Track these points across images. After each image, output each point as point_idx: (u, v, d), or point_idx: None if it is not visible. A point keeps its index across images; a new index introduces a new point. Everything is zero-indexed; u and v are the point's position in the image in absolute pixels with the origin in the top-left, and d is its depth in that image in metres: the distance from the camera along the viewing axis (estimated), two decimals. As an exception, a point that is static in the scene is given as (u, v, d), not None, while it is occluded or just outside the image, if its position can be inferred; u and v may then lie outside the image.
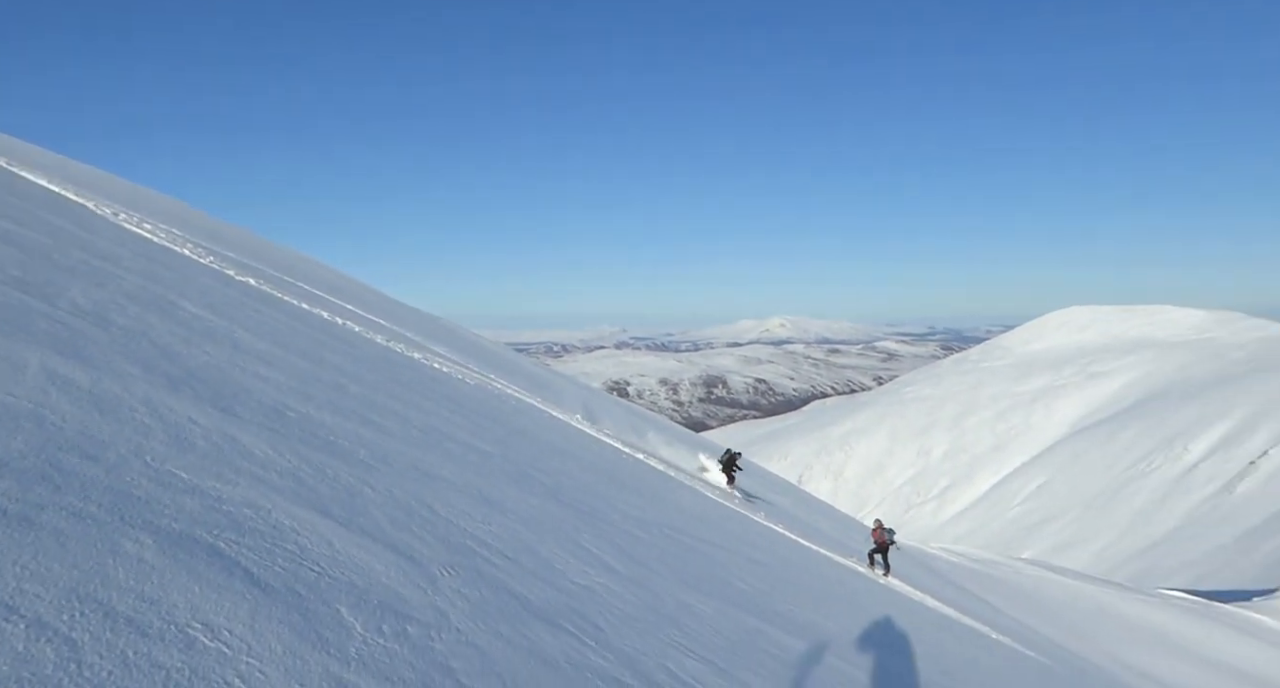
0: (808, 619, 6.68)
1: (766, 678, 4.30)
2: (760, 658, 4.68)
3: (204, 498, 3.08)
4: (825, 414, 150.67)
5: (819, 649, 5.51)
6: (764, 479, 26.52)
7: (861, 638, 7.03)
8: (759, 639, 5.10)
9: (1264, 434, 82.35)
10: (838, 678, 5.03)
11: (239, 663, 2.15)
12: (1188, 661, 25.98)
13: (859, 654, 6.23)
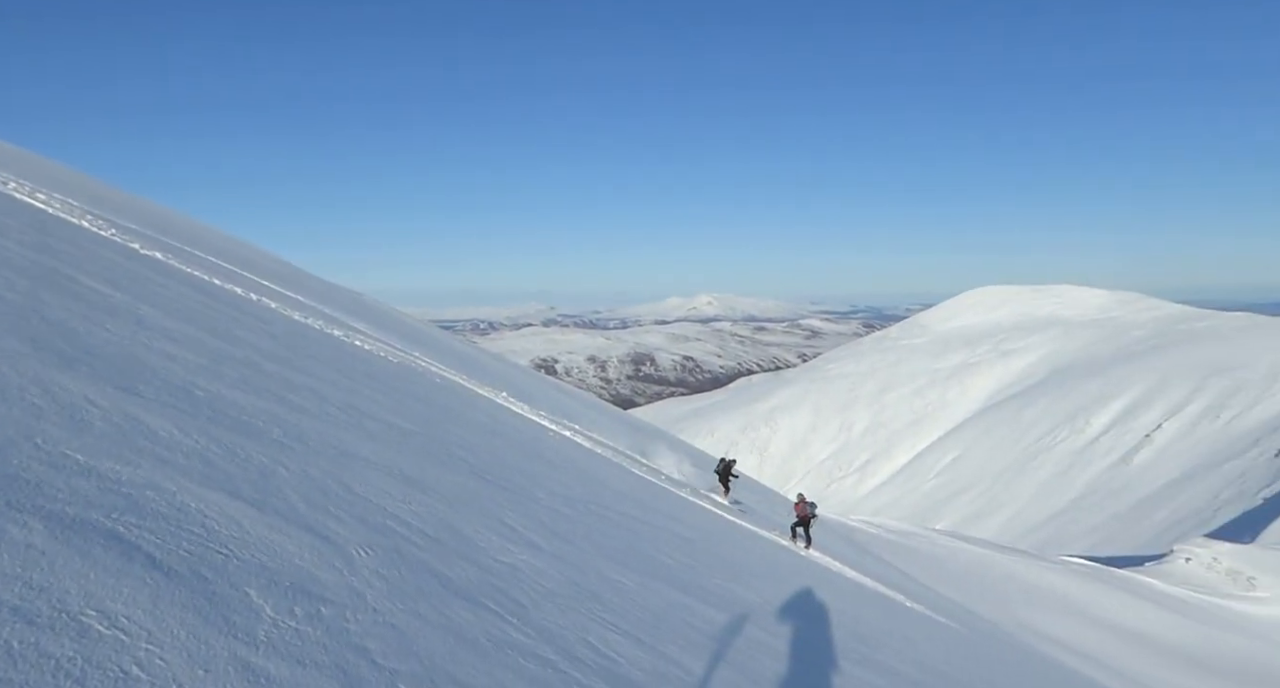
0: (730, 592, 6.80)
1: (687, 649, 4.36)
2: (682, 630, 4.74)
3: (101, 481, 2.93)
4: (751, 391, 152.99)
5: (740, 621, 5.61)
6: (691, 455, 26.82)
7: (782, 609, 7.19)
8: (681, 612, 5.16)
9: (1159, 409, 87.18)
10: (757, 648, 5.14)
11: (137, 650, 2.06)
12: (1085, 622, 27.46)
13: (779, 625, 6.37)
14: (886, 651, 7.70)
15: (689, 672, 4.01)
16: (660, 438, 26.49)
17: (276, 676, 2.26)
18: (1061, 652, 20.37)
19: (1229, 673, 26.93)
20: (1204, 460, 72.31)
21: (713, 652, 4.57)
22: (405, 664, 2.68)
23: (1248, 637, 32.47)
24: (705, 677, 4.06)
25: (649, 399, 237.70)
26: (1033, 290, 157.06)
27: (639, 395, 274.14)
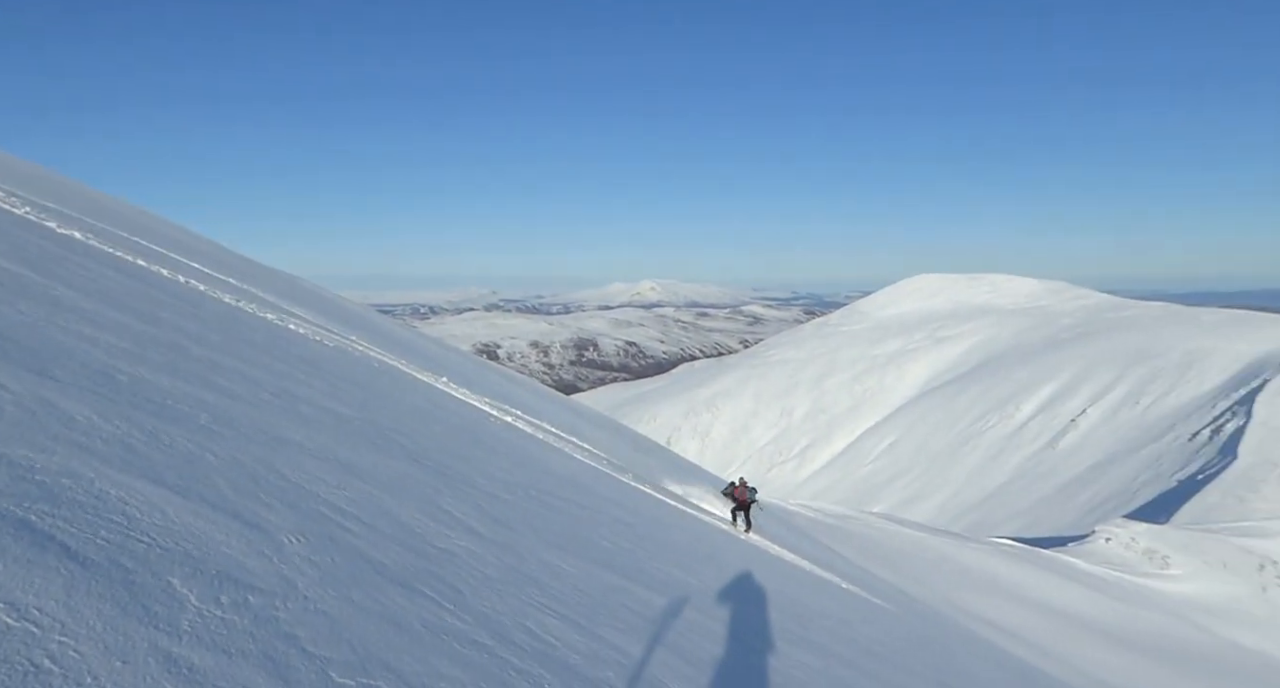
0: (670, 576, 6.85)
1: (626, 632, 4.38)
2: (621, 614, 4.76)
3: (12, 468, 2.80)
4: (693, 377, 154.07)
5: (679, 604, 5.66)
6: (634, 441, 26.92)
7: (721, 592, 7.28)
8: (621, 596, 5.18)
9: (1084, 394, 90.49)
10: (695, 630, 5.19)
11: (49, 642, 1.98)
12: (1013, 602, 28.46)
13: (717, 607, 6.45)
14: (822, 631, 7.86)
15: (626, 655, 4.03)
16: (605, 425, 26.54)
17: (200, 666, 2.19)
18: (990, 630, 21.07)
19: (1144, 648, 28.20)
20: (1124, 445, 75.37)
21: (651, 635, 4.61)
22: (337, 652, 2.64)
23: (1162, 613, 34.07)
24: (643, 659, 4.08)
25: (592, 385, 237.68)
26: (968, 279, 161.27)
27: (582, 381, 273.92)
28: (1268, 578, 41.15)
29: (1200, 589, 38.90)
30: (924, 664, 9.24)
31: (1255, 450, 57.11)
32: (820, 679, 5.47)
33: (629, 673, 3.78)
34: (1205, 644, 31.61)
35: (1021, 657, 17.41)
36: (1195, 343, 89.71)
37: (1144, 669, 25.10)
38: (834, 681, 5.68)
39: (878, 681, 6.54)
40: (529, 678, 3.19)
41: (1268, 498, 50.63)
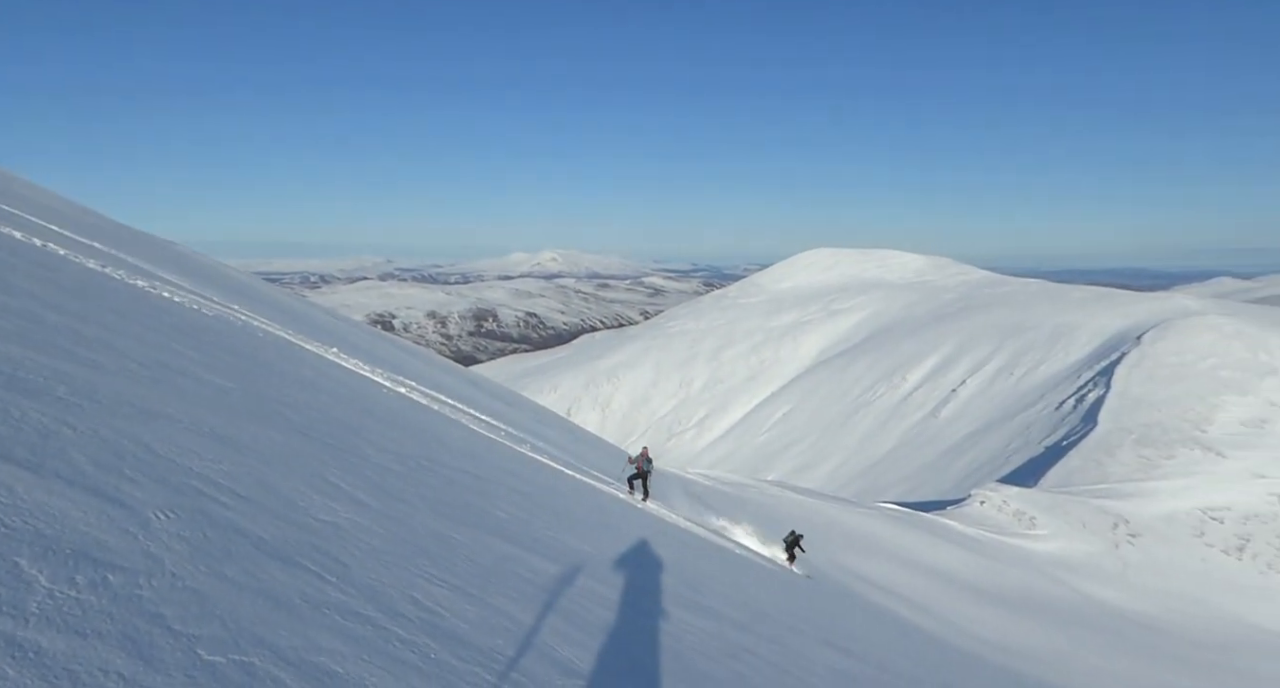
0: (565, 544, 6.88)
1: (517, 600, 4.37)
2: (514, 582, 4.74)
3: None
4: (594, 348, 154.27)
5: (572, 571, 5.69)
6: (534, 413, 26.78)
7: (616, 559, 7.35)
8: (514, 565, 5.17)
9: (964, 366, 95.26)
10: (588, 597, 5.23)
11: None
12: (896, 562, 29.92)
13: (612, 574, 6.52)
14: (715, 595, 8.06)
15: (518, 622, 4.02)
16: (504, 396, 26.28)
17: (49, 649, 2.06)
18: (874, 590, 22.11)
19: (1013, 602, 30.17)
20: (999, 414, 79.88)
21: (543, 602, 4.61)
22: (206, 629, 2.53)
23: (1029, 570, 36.51)
24: (534, 626, 4.09)
25: (491, 356, 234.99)
26: (859, 254, 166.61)
27: (481, 352, 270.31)
28: (1120, 536, 44.65)
29: (1062, 547, 41.86)
30: (811, 625, 9.61)
31: (1113, 418, 61.55)
32: (712, 641, 5.62)
33: (519, 640, 3.78)
34: (1065, 598, 34.10)
35: (902, 614, 18.36)
36: (1064, 318, 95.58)
37: (1011, 623, 26.87)
38: (725, 643, 5.84)
39: (768, 641, 6.76)
40: (414, 648, 3.15)
41: (1123, 462, 54.75)
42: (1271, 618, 39.13)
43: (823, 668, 6.76)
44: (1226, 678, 28.86)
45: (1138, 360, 71.11)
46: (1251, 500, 49.17)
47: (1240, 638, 35.38)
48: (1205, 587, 41.43)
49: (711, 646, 5.45)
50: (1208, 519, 47.77)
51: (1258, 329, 71.20)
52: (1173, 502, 48.89)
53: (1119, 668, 25.68)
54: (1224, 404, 59.75)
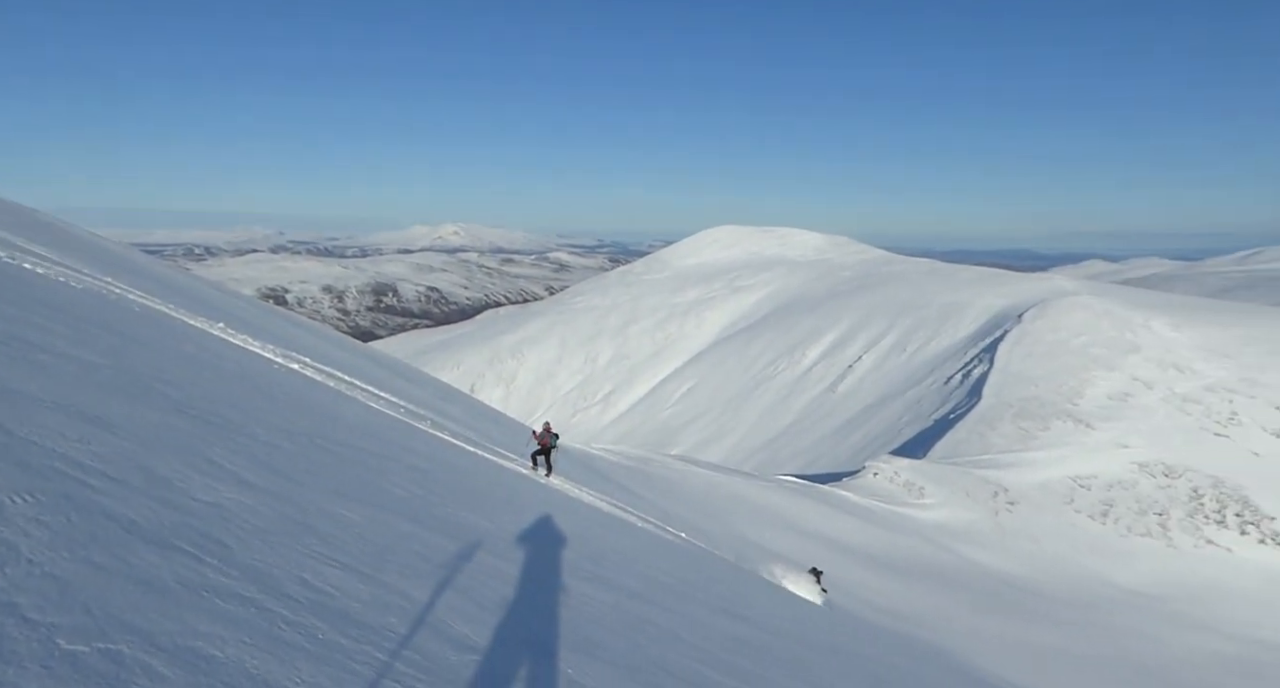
0: (464, 521, 6.80)
1: (412, 578, 4.30)
2: (410, 560, 4.66)
3: None
4: (498, 323, 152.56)
5: (471, 548, 5.63)
6: (436, 389, 26.30)
7: (517, 535, 7.32)
8: (410, 543, 5.07)
9: (861, 342, 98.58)
10: (487, 573, 5.19)
11: None
12: (794, 533, 30.90)
13: (512, 550, 6.49)
14: (616, 568, 8.13)
15: (412, 600, 3.96)
16: (404, 372, 25.69)
17: (-117, 644, 1.90)
18: (771, 558, 22.76)
19: (903, 569, 31.65)
20: (892, 388, 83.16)
21: (440, 579, 4.55)
22: (68, 617, 2.38)
23: (918, 538, 38.34)
24: (429, 604, 4.03)
25: (391, 331, 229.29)
26: (762, 231, 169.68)
27: (380, 328, 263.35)
28: (999, 504, 47.35)
29: (947, 516, 44.11)
30: (711, 595, 9.83)
31: (996, 393, 64.97)
32: (610, 613, 5.67)
33: (413, 617, 3.72)
34: (950, 563, 36.00)
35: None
36: (953, 297, 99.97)
37: (900, 587, 28.21)
38: (624, 614, 5.91)
39: (665, 611, 6.88)
40: (300, 629, 3.05)
41: (1004, 434, 57.95)
42: (1129, 577, 42.36)
43: (719, 635, 6.93)
44: (1089, 632, 31.13)
45: (1018, 338, 75.12)
46: (1115, 469, 52.92)
47: (1102, 596, 38.20)
48: (1073, 550, 44.46)
49: (610, 617, 5.50)
50: (1077, 487, 51.16)
51: (1125, 309, 76.23)
52: (1046, 471, 52.12)
53: (995, 627, 27.34)
54: (1093, 379, 63.86)
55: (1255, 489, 50.86)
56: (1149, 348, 67.75)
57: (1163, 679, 26.98)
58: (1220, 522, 48.73)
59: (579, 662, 4.08)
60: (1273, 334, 68.71)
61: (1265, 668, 31.39)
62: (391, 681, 2.96)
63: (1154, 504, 50.08)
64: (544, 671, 3.81)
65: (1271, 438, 55.63)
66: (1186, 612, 38.23)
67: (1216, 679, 28.60)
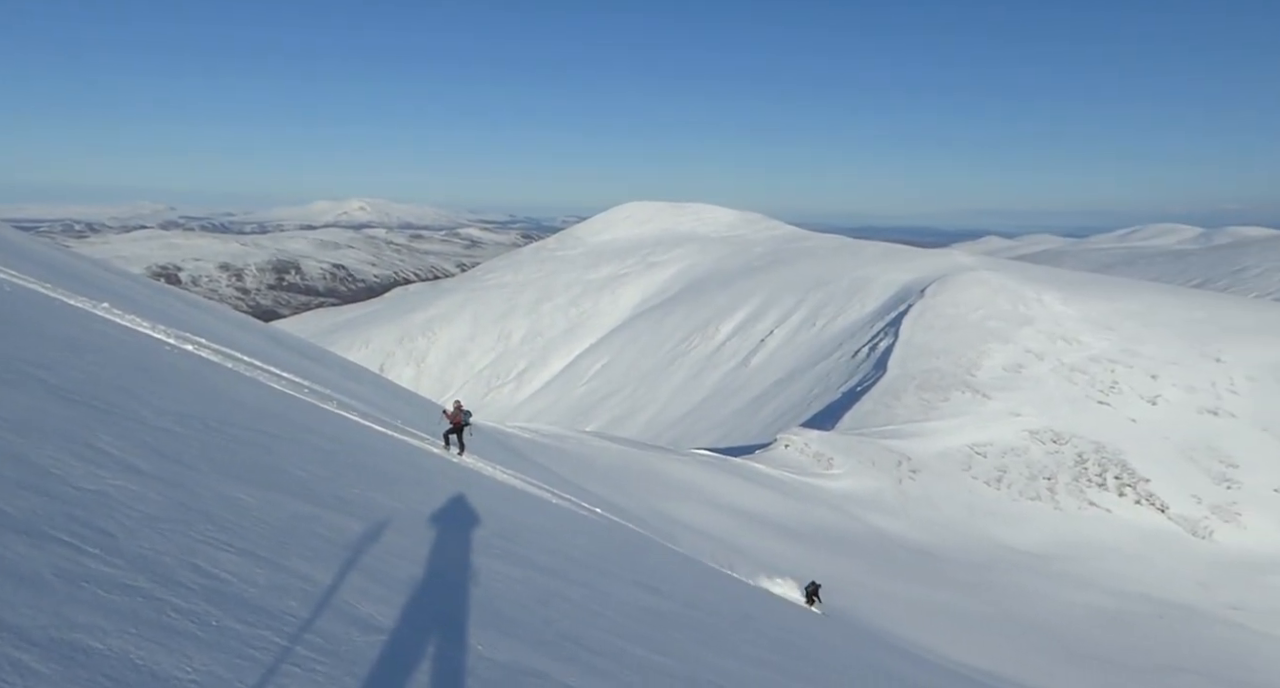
0: (372, 501, 6.65)
1: (315, 561, 4.18)
2: (312, 543, 4.53)
3: None
4: (408, 301, 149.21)
5: (378, 529, 5.52)
6: (343, 369, 25.55)
7: (428, 515, 7.21)
8: (313, 525, 4.93)
9: (772, 317, 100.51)
10: (395, 554, 5.10)
11: None
12: (708, 506, 31.44)
13: (421, 529, 6.39)
14: (528, 544, 8.11)
15: (314, 583, 3.85)
16: (309, 352, 24.86)
17: None
18: (688, 533, 23.15)
19: (812, 538, 32.64)
20: (803, 362, 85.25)
21: (345, 561, 4.45)
22: (-73, 615, 2.22)
23: (826, 507, 39.56)
24: (333, 586, 3.93)
25: (294, 310, 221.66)
26: (674, 207, 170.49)
27: (283, 306, 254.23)
28: (903, 473, 49.28)
29: (854, 485, 45.65)
30: (623, 568, 9.92)
31: (900, 365, 67.38)
32: (522, 588, 5.66)
33: (315, 601, 3.62)
34: (856, 530, 37.34)
35: (712, 554, 19.37)
36: (860, 272, 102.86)
37: (810, 555, 29.09)
38: (536, 589, 5.90)
39: (578, 585, 6.91)
40: (192, 617, 2.93)
41: (907, 405, 60.22)
42: (1021, 539, 44.83)
43: (632, 607, 7.01)
44: (983, 592, 32.84)
45: (921, 312, 77.93)
46: (1009, 437, 55.74)
47: (996, 558, 40.32)
48: (969, 514, 46.73)
49: (522, 593, 5.49)
50: (974, 454, 53.69)
51: (1018, 284, 79.94)
52: (946, 440, 54.49)
53: (898, 590, 28.54)
54: (990, 351, 66.90)
55: (1132, 453, 54.43)
56: (1040, 321, 71.33)
57: (1047, 634, 28.74)
58: (1101, 485, 52.00)
59: (490, 638, 4.05)
60: (1149, 308, 73.30)
61: (1136, 619, 33.80)
62: (292, 664, 2.88)
63: (1043, 469, 53.02)
64: (453, 648, 3.77)
65: (1147, 405, 59.53)
66: (1070, 570, 40.76)
67: (1093, 632, 30.66)
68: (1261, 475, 52.48)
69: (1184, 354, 64.42)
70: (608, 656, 4.61)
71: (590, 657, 4.41)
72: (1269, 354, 63.38)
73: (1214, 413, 58.24)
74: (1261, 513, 49.81)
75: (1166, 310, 72.21)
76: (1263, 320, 70.09)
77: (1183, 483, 52.15)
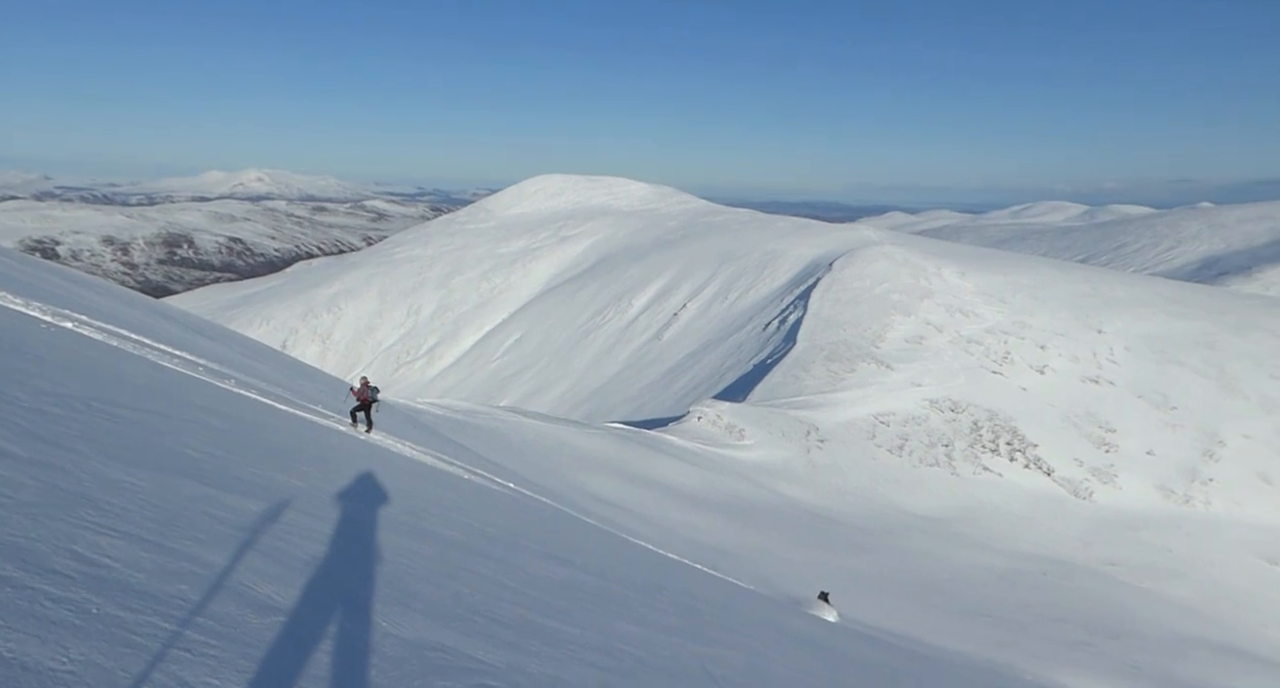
0: (272, 481, 6.44)
1: (209, 544, 4.02)
2: (206, 525, 4.36)
3: None
4: (311, 276, 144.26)
5: (279, 508, 5.35)
6: (242, 346, 24.54)
7: (332, 493, 7.03)
8: (206, 506, 4.74)
9: (685, 290, 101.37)
10: (297, 533, 4.95)
11: None
12: (622, 478, 31.70)
13: (326, 508, 6.23)
14: (437, 520, 8.01)
15: (207, 566, 3.70)
16: (204, 329, 23.77)
17: None
18: (601, 505, 23.31)
19: (724, 507, 33.30)
20: (715, 335, 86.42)
21: (241, 543, 4.29)
22: None
23: (738, 477, 40.40)
24: (228, 568, 3.79)
25: (188, 286, 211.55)
26: (587, 181, 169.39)
27: (175, 282, 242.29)
28: (811, 442, 50.72)
29: (765, 455, 46.78)
30: (536, 542, 9.92)
31: (809, 337, 69.09)
32: (430, 563, 5.59)
33: (208, 584, 3.49)
34: (767, 500, 38.30)
35: (626, 526, 19.58)
36: (771, 246, 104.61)
37: (722, 525, 29.71)
38: (445, 564, 5.84)
39: (489, 559, 6.87)
40: (70, 606, 2.78)
41: (816, 376, 61.88)
42: (921, 505, 46.86)
43: (544, 580, 7.02)
44: (885, 556, 34.26)
45: (829, 285, 79.94)
46: (910, 406, 58.00)
47: (898, 522, 42.06)
48: (874, 482, 48.54)
49: (430, 568, 5.42)
50: (878, 424, 55.68)
51: (920, 258, 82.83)
52: (852, 410, 56.31)
53: (807, 556, 29.47)
54: (893, 324, 69.24)
55: (1022, 420, 57.46)
56: (940, 295, 74.16)
57: (943, 593, 30.24)
58: (994, 451, 54.76)
59: (395, 614, 3.99)
60: (1039, 281, 77.12)
61: (1022, 576, 35.91)
62: (181, 650, 2.77)
63: (941, 437, 55.44)
64: (357, 626, 3.70)
65: (1036, 374, 62.83)
66: (966, 532, 42.91)
67: (983, 589, 32.44)
68: (1136, 439, 56.25)
69: (1070, 326, 68.17)
70: (516, 628, 4.61)
71: (499, 629, 4.40)
72: (1144, 326, 67.69)
73: (1095, 381, 61.95)
74: (1135, 474, 53.45)
75: (1054, 285, 76.14)
76: (1139, 294, 74.73)
77: (1067, 447, 55.44)
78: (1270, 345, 64.29)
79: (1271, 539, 47.52)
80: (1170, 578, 40.88)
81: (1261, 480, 52.64)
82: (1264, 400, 58.92)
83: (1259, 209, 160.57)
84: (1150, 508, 50.50)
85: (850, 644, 12.36)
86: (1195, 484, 52.49)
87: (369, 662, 3.26)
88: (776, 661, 7.68)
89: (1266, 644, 33.98)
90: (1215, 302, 74.71)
